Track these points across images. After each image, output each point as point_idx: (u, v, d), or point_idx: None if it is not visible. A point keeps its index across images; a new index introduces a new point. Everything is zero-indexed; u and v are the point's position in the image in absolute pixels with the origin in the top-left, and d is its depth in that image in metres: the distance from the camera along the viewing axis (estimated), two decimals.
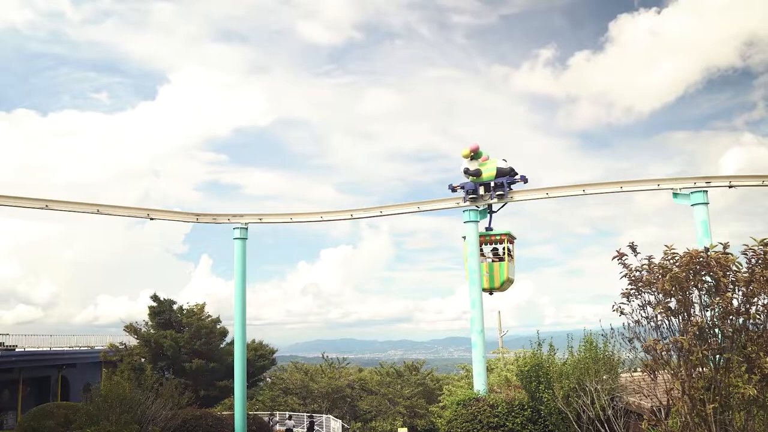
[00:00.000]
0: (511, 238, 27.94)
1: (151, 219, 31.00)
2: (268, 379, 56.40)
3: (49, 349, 44.41)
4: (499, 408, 22.64)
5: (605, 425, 19.45)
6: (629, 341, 11.54)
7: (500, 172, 27.34)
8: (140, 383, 27.99)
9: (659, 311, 10.79)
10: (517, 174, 27.53)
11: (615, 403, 20.06)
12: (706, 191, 24.53)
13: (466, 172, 27.72)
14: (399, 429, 43.52)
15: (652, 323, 11.17)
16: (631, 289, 11.24)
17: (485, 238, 28.03)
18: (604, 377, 20.64)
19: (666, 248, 11.14)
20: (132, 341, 44.10)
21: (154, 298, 42.44)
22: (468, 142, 28.20)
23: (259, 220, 31.27)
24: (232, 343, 41.63)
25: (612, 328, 14.11)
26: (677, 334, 10.59)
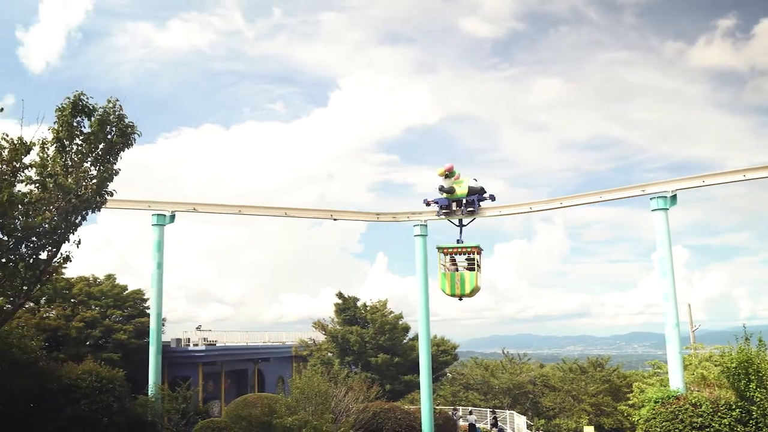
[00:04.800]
0: (479, 250, 29.97)
1: (335, 219, 32.29)
2: (448, 374, 56.84)
3: (245, 344, 47.49)
4: (703, 407, 21.23)
5: None
6: None
7: (472, 191, 29.86)
8: (331, 377, 29.26)
9: None
10: (486, 192, 30.01)
11: None
12: None
13: (441, 189, 30.03)
14: (585, 427, 42.01)
15: None
16: None
17: (457, 249, 30.17)
18: None
19: None
20: (320, 337, 46.25)
21: (339, 295, 44.16)
22: (443, 163, 30.42)
23: (437, 217, 31.50)
24: (414, 338, 42.49)
25: None
26: None
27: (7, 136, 17.43)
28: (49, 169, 18.36)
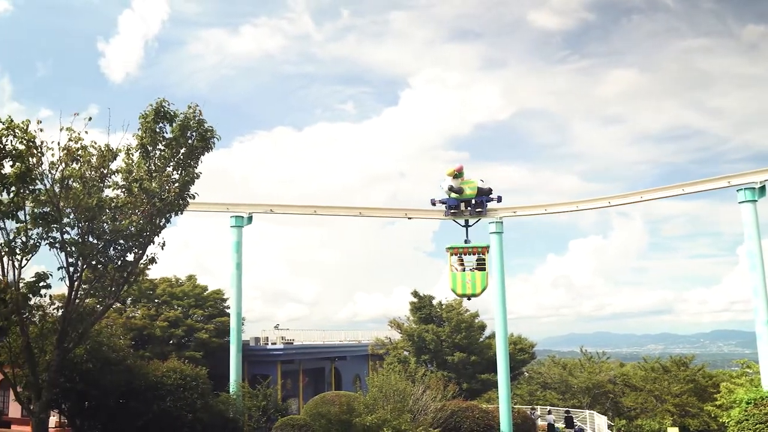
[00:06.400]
0: (488, 250, 30.53)
1: (410, 218, 32.27)
2: (526, 373, 56.14)
3: (322, 342, 48.07)
4: None
5: None
6: None
7: (480, 191, 30.53)
8: (408, 375, 29.29)
9: None
10: (492, 193, 30.68)
11: None
12: None
13: (451, 189, 30.49)
14: (669, 428, 40.71)
15: None
16: None
17: (466, 249, 30.58)
18: None
19: None
20: (395, 335, 46.39)
21: (415, 294, 44.16)
22: (454, 163, 31.33)
23: (513, 213, 31.15)
24: (491, 336, 42.13)
25: None
26: None
27: (95, 143, 18.17)
28: (134, 174, 18.99)
